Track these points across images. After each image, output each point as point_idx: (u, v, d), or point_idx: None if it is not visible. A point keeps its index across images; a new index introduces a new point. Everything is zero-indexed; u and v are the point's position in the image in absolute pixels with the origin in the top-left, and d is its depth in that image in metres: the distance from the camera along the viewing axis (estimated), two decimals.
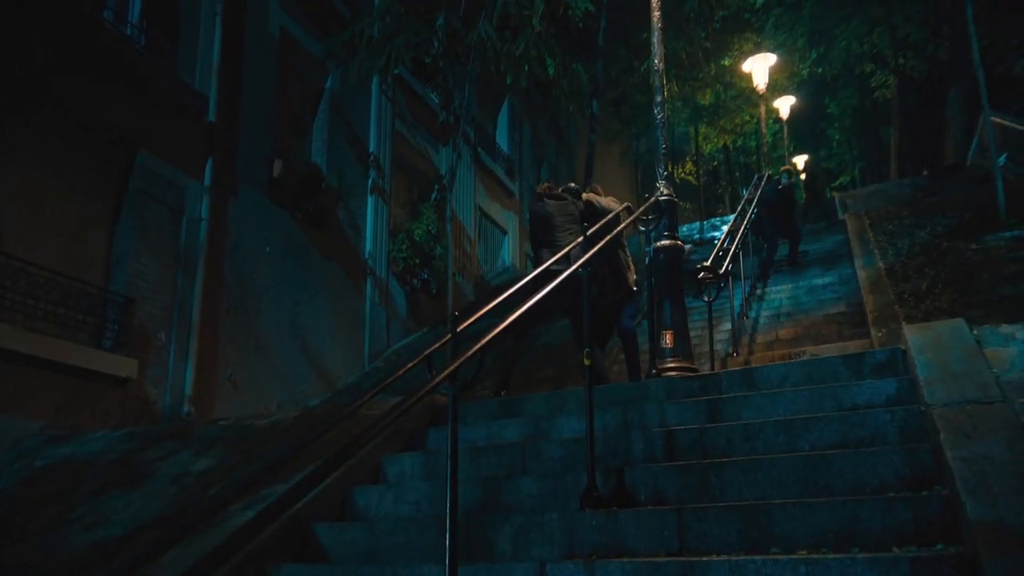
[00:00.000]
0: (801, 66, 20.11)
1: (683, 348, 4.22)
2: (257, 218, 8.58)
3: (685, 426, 3.20)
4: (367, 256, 10.60)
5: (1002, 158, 10.70)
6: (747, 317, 7.98)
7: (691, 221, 24.03)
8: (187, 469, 4.04)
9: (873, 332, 6.32)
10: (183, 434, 4.64)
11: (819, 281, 8.81)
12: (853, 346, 6.34)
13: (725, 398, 3.35)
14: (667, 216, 4.41)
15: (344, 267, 10.08)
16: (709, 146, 24.86)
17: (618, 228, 4.09)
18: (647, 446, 3.11)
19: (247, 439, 4.32)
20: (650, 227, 4.15)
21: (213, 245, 7.88)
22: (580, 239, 3.73)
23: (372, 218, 10.76)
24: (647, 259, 4.16)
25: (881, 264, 8.27)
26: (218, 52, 8.15)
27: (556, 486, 2.99)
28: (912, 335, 3.24)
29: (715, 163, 32.51)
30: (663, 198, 4.42)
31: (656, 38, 4.63)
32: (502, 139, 15.35)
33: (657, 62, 4.65)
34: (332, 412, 2.47)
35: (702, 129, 21.98)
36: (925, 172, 18.67)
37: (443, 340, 2.36)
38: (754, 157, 33.56)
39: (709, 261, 5.88)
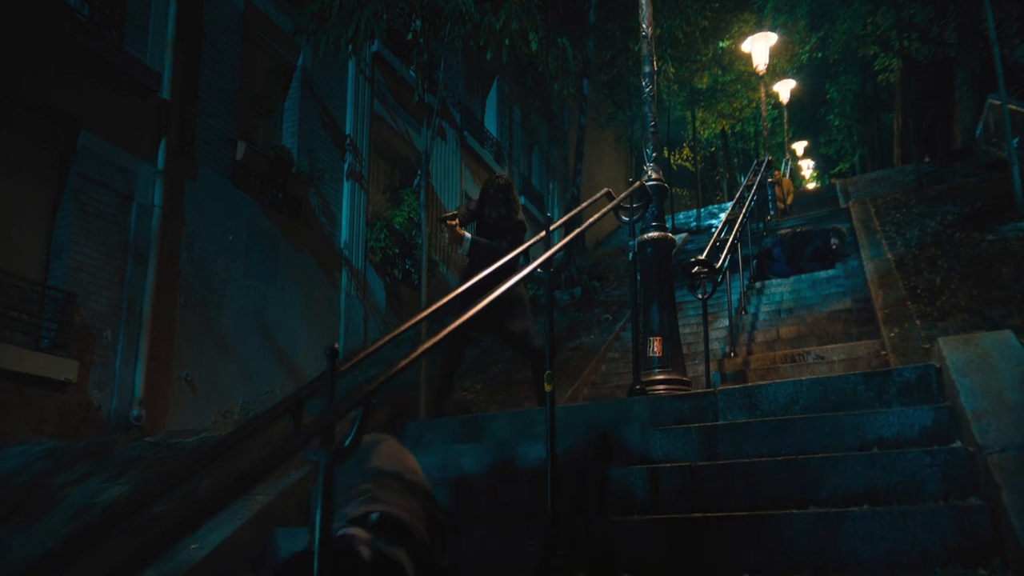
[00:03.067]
0: (801, 50, 19.44)
1: (673, 358, 3.63)
2: (219, 205, 7.95)
3: (673, 462, 2.63)
4: (343, 245, 9.99)
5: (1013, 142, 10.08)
6: (745, 312, 7.42)
7: (688, 209, 23.45)
8: (94, 500, 3.46)
9: (884, 331, 5.76)
10: (101, 453, 4.06)
11: (823, 274, 8.23)
12: (863, 347, 5.78)
13: (722, 425, 2.77)
14: (656, 203, 3.81)
15: (317, 257, 9.47)
16: (707, 131, 24.16)
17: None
18: (626, 489, 2.53)
19: (170, 461, 3.75)
20: (635, 217, 3.54)
21: (168, 234, 7.26)
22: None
23: (348, 205, 10.14)
24: (630, 254, 3.57)
25: (890, 255, 7.71)
26: (173, 25, 7.49)
27: (515, 539, 2.42)
28: (949, 350, 2.65)
29: (712, 149, 31.81)
30: (651, 183, 3.81)
31: None
32: (490, 122, 14.70)
33: (645, 26, 4.04)
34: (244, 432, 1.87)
35: (699, 114, 21.30)
36: (927, 159, 18.10)
37: (311, 383, 1.75)
38: (752, 143, 32.90)
39: (704, 253, 5.29)
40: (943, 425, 2.46)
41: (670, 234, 3.83)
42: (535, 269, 2.36)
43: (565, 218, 3.18)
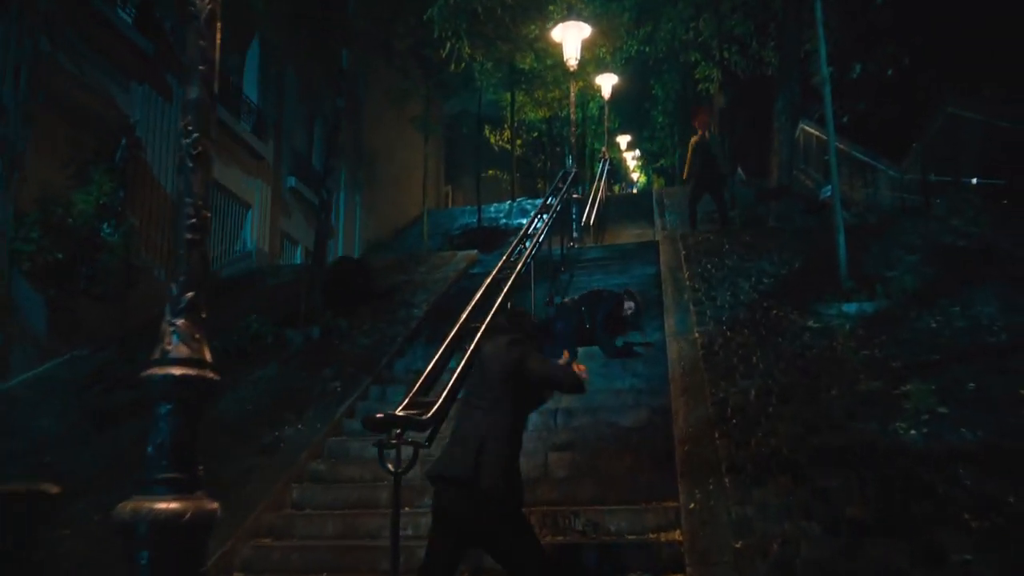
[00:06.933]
0: (627, 42, 18.16)
1: None
2: None
3: None
4: None
5: (827, 189, 9.07)
6: None
7: (503, 200, 21.55)
8: None
9: (681, 493, 3.99)
10: None
11: (619, 344, 6.47)
12: (651, 518, 4.01)
13: None
14: None
15: None
16: (530, 114, 22.31)
17: None
18: None
19: None
20: None
21: None
22: None
23: None
24: None
25: (697, 333, 6.08)
26: None
27: None
28: None
29: (535, 134, 30.09)
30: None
31: None
32: (250, 86, 11.66)
33: None
34: None
35: (519, 97, 19.41)
36: (741, 174, 17.62)
37: None
38: (580, 129, 31.71)
39: (416, 387, 3.12)
40: None
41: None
42: None
43: None
